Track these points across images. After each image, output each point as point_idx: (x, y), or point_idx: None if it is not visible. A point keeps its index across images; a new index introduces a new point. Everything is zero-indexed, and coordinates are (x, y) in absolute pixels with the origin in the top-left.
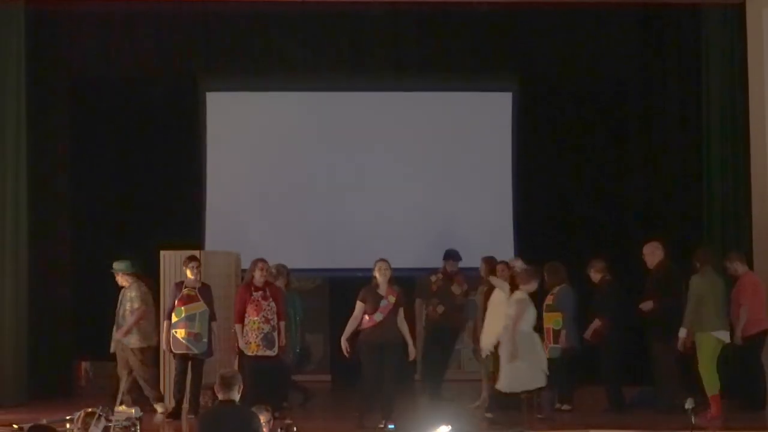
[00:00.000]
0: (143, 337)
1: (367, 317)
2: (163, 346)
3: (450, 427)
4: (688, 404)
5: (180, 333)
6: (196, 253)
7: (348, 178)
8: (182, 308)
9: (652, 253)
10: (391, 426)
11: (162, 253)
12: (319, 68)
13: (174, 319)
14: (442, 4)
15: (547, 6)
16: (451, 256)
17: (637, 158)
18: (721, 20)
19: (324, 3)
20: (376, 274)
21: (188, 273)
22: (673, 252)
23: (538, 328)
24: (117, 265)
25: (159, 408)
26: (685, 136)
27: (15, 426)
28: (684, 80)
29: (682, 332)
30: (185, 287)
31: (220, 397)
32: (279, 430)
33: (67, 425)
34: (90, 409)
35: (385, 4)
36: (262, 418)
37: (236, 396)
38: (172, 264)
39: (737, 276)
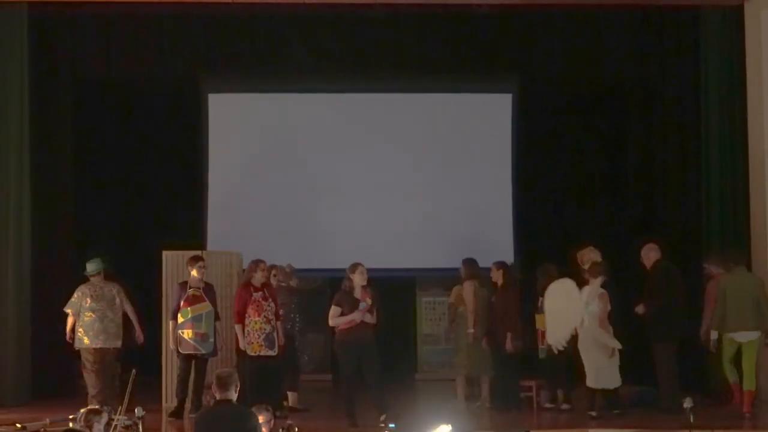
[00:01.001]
0: (79, 340)
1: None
2: (171, 345)
3: (450, 427)
4: (688, 404)
5: (187, 333)
6: (198, 253)
7: (348, 178)
8: (188, 309)
9: (648, 255)
10: (391, 425)
11: (164, 253)
12: (320, 69)
13: (180, 319)
14: (442, 5)
15: (547, 6)
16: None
17: (636, 158)
18: (720, 21)
19: (324, 4)
20: (353, 276)
21: (194, 273)
22: (673, 253)
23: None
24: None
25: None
26: (684, 136)
27: (18, 425)
28: (683, 81)
29: (713, 334)
30: (190, 287)
31: (217, 397)
32: (280, 430)
33: (70, 424)
34: (93, 407)
35: (386, 5)
36: (263, 418)
37: (233, 396)
38: (174, 264)
39: (711, 277)
